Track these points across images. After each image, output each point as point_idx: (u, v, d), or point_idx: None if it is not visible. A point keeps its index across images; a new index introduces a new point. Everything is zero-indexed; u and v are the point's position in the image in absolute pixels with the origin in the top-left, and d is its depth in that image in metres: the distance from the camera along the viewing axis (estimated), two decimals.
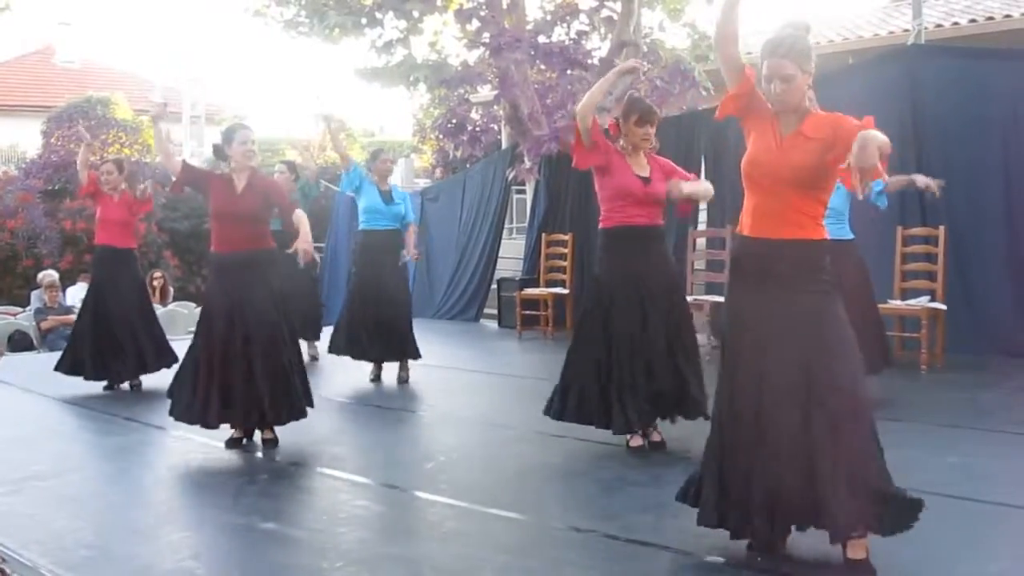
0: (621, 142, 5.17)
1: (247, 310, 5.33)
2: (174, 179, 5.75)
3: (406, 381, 7.69)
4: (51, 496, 4.69)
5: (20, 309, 12.98)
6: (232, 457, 5.33)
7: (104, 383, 7.34)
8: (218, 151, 5.67)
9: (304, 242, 5.26)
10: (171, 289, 14.04)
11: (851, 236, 6.15)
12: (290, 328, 5.57)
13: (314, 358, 8.79)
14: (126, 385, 7.43)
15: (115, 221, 7.35)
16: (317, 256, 7.45)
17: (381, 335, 7.54)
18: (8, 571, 3.63)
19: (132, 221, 7.57)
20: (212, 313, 5.42)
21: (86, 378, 7.24)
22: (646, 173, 5.12)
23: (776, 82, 3.25)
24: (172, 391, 5.56)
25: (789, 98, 3.26)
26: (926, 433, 5.56)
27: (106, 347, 7.24)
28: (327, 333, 8.16)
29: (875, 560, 3.32)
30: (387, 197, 7.60)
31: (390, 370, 7.77)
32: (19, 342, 11.45)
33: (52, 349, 10.60)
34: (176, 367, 6.12)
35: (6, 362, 9.34)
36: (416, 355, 7.72)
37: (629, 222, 5.12)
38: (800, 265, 3.33)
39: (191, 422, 5.41)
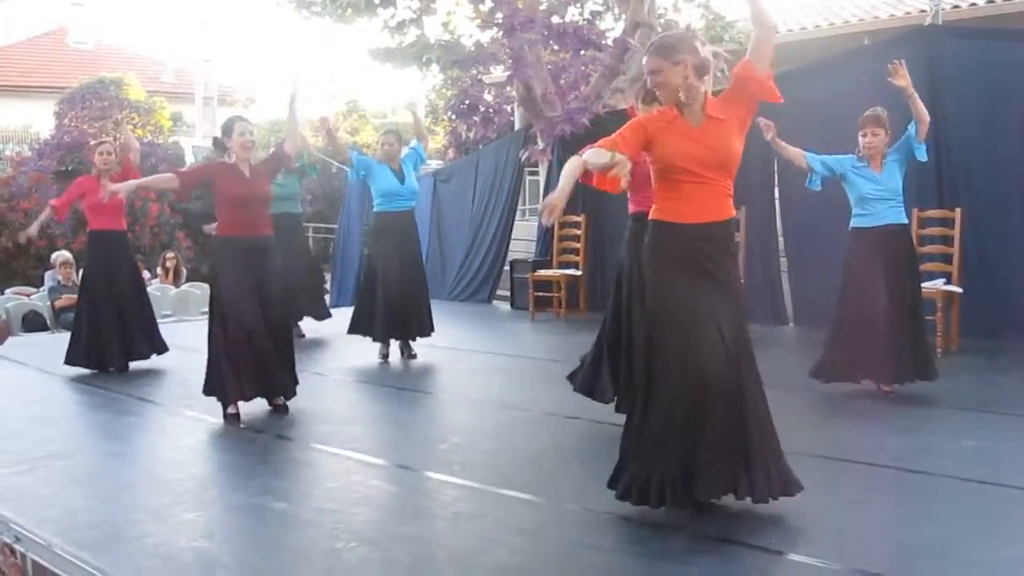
0: None
1: (268, 291, 5.65)
2: (177, 187, 5.90)
3: (415, 357, 7.78)
4: (65, 475, 4.71)
5: (34, 290, 13.02)
6: (244, 437, 5.34)
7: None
8: (218, 143, 5.89)
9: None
10: (184, 270, 14.06)
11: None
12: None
13: (300, 336, 9.00)
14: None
15: (114, 205, 7.19)
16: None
17: (402, 313, 7.58)
18: (22, 550, 3.64)
19: (123, 201, 7.38)
20: (237, 295, 5.58)
21: (89, 367, 7.28)
22: None
23: (649, 77, 3.65)
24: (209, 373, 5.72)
25: (662, 89, 3.61)
26: (942, 417, 5.53)
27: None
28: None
29: (891, 543, 3.30)
30: (400, 176, 7.60)
31: (397, 350, 7.79)
32: (33, 322, 11.48)
33: (66, 328, 10.64)
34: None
35: (21, 342, 9.38)
36: (430, 331, 7.82)
37: None
38: (725, 244, 3.67)
39: (227, 400, 5.62)
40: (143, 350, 7.40)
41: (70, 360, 7.24)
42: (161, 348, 7.47)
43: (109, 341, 7.22)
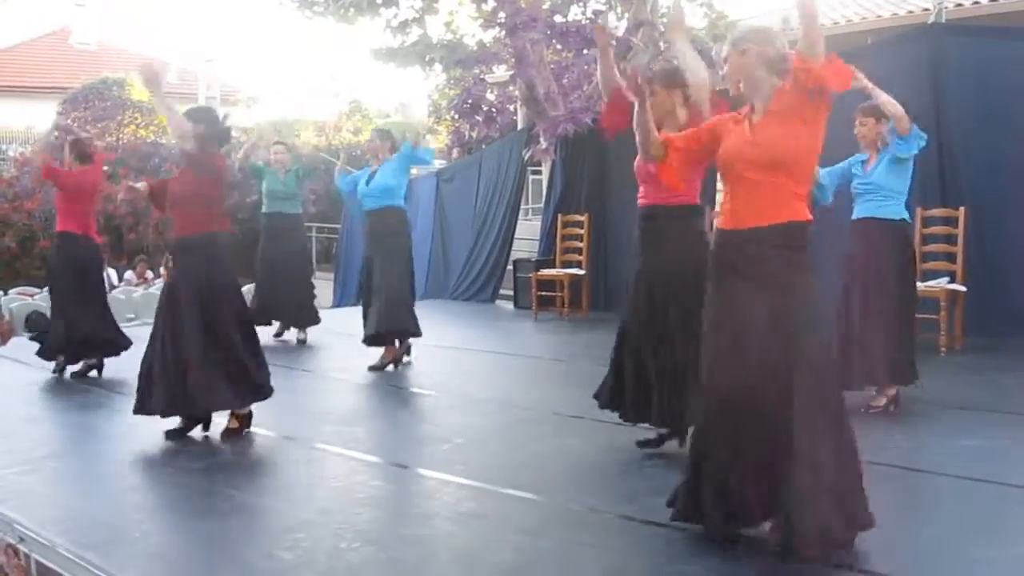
0: None
1: (185, 295, 5.19)
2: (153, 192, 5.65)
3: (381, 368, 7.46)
4: (67, 475, 4.72)
5: (37, 290, 13.05)
6: (247, 437, 5.33)
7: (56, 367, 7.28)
8: None
9: None
10: None
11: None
12: (238, 311, 5.38)
13: (302, 341, 8.90)
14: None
15: (78, 208, 7.08)
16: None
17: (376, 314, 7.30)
18: (25, 550, 3.65)
19: (76, 203, 7.08)
20: (168, 302, 5.29)
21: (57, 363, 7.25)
22: None
23: (724, 71, 3.48)
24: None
25: (741, 82, 3.41)
26: (943, 416, 5.52)
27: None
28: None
29: (892, 542, 3.29)
30: (371, 176, 7.45)
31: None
32: (36, 322, 11.52)
33: None
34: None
35: (24, 342, 9.39)
36: (418, 333, 7.50)
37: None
38: (780, 249, 3.32)
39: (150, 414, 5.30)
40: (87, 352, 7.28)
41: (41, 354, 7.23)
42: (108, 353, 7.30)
43: (70, 339, 7.11)
